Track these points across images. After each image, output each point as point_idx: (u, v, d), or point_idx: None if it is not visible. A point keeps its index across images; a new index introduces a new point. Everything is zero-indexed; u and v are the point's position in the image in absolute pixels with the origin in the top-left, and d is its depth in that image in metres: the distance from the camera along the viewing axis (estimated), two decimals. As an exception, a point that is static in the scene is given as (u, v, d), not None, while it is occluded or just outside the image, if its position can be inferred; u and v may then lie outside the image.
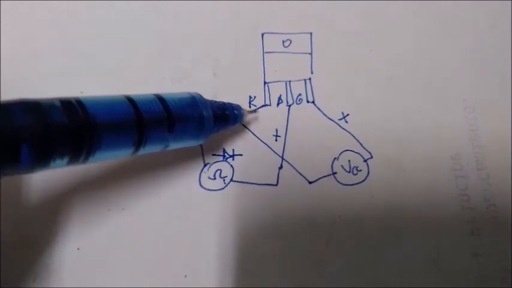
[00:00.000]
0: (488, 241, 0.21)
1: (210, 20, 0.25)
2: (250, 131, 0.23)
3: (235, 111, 0.21)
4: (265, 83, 0.24)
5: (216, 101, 0.21)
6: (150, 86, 0.24)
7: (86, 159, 0.15)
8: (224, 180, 0.22)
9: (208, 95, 0.23)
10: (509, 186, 0.22)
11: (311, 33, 0.25)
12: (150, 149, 0.17)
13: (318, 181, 0.22)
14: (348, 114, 0.23)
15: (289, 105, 0.24)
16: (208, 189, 0.22)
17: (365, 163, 0.23)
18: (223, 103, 0.21)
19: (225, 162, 0.23)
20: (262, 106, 0.24)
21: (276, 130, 0.23)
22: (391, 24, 0.25)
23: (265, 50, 0.24)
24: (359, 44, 0.25)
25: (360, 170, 0.22)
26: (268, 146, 0.23)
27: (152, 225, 0.21)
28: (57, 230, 0.21)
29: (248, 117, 0.23)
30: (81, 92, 0.23)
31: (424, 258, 0.21)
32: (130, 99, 0.17)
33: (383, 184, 0.22)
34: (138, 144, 0.17)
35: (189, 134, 0.19)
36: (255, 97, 0.24)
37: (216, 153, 0.23)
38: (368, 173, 0.22)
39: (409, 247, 0.21)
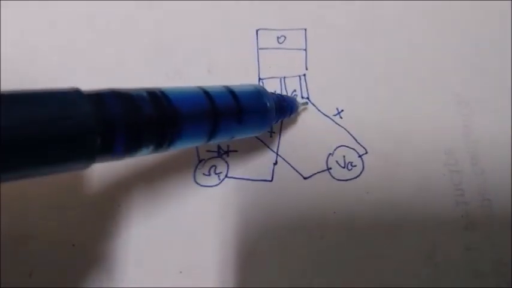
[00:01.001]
0: (483, 235, 0.21)
1: (205, 17, 0.25)
2: (245, 127, 0.23)
3: (292, 103, 0.22)
4: (260, 79, 0.24)
5: (274, 93, 0.21)
6: (146, 82, 0.24)
7: (168, 147, 0.16)
8: (219, 176, 0.22)
9: (203, 92, 0.24)
10: (503, 181, 0.22)
11: (305, 30, 0.25)
12: (220, 139, 0.18)
13: (312, 177, 0.22)
14: (342, 110, 0.23)
15: (284, 101, 0.24)
16: (203, 186, 0.22)
17: (360, 158, 0.23)
18: (281, 95, 0.22)
19: (219, 159, 0.23)
20: (257, 102, 0.24)
21: (271, 127, 0.23)
22: (386, 21, 0.25)
23: (259, 46, 0.24)
24: (353, 40, 0.25)
25: (355, 166, 0.22)
26: (263, 142, 0.23)
27: (147, 221, 0.21)
28: (54, 226, 0.21)
29: (300, 108, 0.23)
30: (76, 89, 0.23)
31: (419, 253, 0.21)
32: (205, 92, 0.17)
33: (378, 179, 0.22)
34: (212, 134, 0.17)
35: (254, 125, 0.19)
36: (249, 93, 0.24)
37: (211, 150, 0.23)
38: (363, 168, 0.22)
39: (404, 241, 0.21)
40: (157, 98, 0.15)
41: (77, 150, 0.13)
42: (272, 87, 0.24)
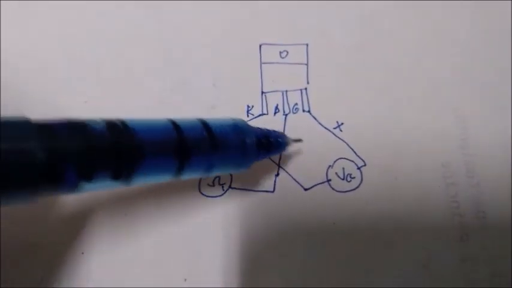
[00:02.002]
0: (477, 247, 0.22)
1: (210, 32, 0.26)
2: (248, 140, 0.24)
3: (279, 139, 0.21)
4: (262, 92, 0.25)
5: (260, 128, 0.20)
6: (152, 95, 0.24)
7: (129, 178, 0.15)
8: (223, 187, 0.23)
9: (207, 105, 0.24)
10: (498, 194, 0.23)
11: (307, 45, 0.26)
12: (192, 174, 0.17)
13: (313, 188, 0.23)
14: (342, 123, 0.24)
15: (286, 114, 0.24)
16: (208, 196, 0.23)
17: (358, 170, 0.23)
18: (268, 130, 0.21)
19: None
20: (260, 115, 0.24)
21: (273, 138, 0.24)
22: (385, 36, 0.26)
23: (262, 61, 0.25)
24: (353, 55, 0.25)
25: (354, 177, 0.23)
26: (265, 154, 0.24)
27: (153, 231, 0.22)
28: (62, 234, 0.22)
29: (293, 145, 0.22)
30: (86, 102, 0.24)
31: (415, 263, 0.22)
32: (174, 123, 0.17)
33: (376, 191, 0.23)
34: (180, 168, 0.16)
35: (231, 161, 0.19)
36: (252, 106, 0.25)
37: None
38: (361, 180, 0.23)
39: (401, 252, 0.22)
40: (115, 128, 0.15)
41: (24, 182, 0.12)
42: (274, 100, 0.25)
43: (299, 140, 0.23)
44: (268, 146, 0.20)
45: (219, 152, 0.18)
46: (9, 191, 0.12)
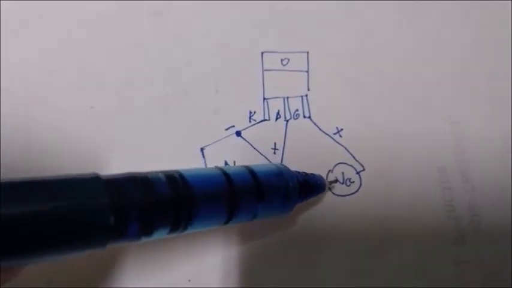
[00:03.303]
0: (472, 249, 0.23)
1: (213, 40, 0.26)
2: (251, 145, 0.25)
3: (318, 182, 0.22)
4: (264, 99, 0.26)
5: (299, 172, 0.21)
6: (156, 101, 0.25)
7: (185, 229, 0.16)
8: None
9: (210, 110, 0.25)
10: (492, 198, 0.24)
11: (308, 52, 0.26)
12: (240, 220, 0.18)
13: (313, 192, 0.24)
14: (342, 129, 0.25)
15: (287, 120, 0.25)
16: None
17: (357, 175, 0.24)
18: (306, 174, 0.22)
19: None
20: (262, 121, 0.25)
21: (275, 144, 0.25)
22: (382, 45, 0.26)
23: (264, 68, 0.26)
24: (353, 62, 0.26)
25: (353, 182, 0.24)
26: (267, 159, 0.24)
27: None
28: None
29: (328, 187, 0.23)
30: (92, 107, 0.25)
31: (412, 265, 0.23)
32: (224, 172, 0.18)
33: (374, 195, 0.24)
34: (231, 214, 0.17)
35: (276, 205, 0.19)
36: (254, 112, 0.25)
37: (219, 166, 0.24)
38: (360, 184, 0.24)
39: (398, 254, 0.23)
40: (175, 182, 0.16)
41: (93, 236, 0.13)
42: (276, 106, 0.25)
43: (335, 181, 0.23)
44: (308, 189, 0.21)
45: (265, 196, 0.19)
46: (80, 243, 0.13)
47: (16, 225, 0.12)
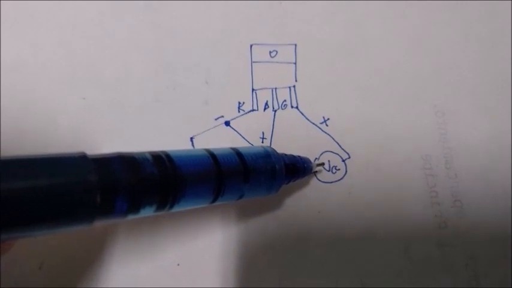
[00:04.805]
0: (454, 233, 0.23)
1: (204, 33, 0.27)
2: (239, 134, 0.25)
3: (305, 165, 0.22)
4: (253, 90, 0.26)
5: (286, 155, 0.22)
6: (148, 93, 0.26)
7: (171, 207, 0.17)
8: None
9: (201, 101, 0.26)
10: (474, 184, 0.24)
11: (295, 45, 0.27)
12: (227, 199, 0.19)
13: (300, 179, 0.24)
14: (328, 119, 0.26)
15: (275, 110, 0.26)
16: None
17: (343, 163, 0.25)
18: (293, 156, 0.22)
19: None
20: (250, 111, 0.26)
21: (263, 133, 0.25)
22: (369, 37, 0.27)
23: (253, 60, 0.27)
24: (339, 54, 0.27)
25: (339, 169, 0.25)
26: (255, 147, 0.25)
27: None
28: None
29: (315, 169, 0.24)
30: (84, 99, 0.25)
31: (396, 248, 0.23)
32: (211, 153, 0.18)
33: (359, 182, 0.24)
34: (217, 194, 0.18)
35: (262, 186, 0.20)
36: (243, 103, 0.26)
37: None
38: (346, 172, 0.24)
39: (383, 238, 0.23)
40: (161, 162, 0.16)
41: (80, 212, 0.14)
42: (264, 97, 0.26)
43: (322, 164, 0.24)
44: (295, 171, 0.22)
45: (251, 178, 0.19)
46: (67, 220, 0.14)
47: (3, 201, 0.12)
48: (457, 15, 0.28)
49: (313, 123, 0.25)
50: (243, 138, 0.25)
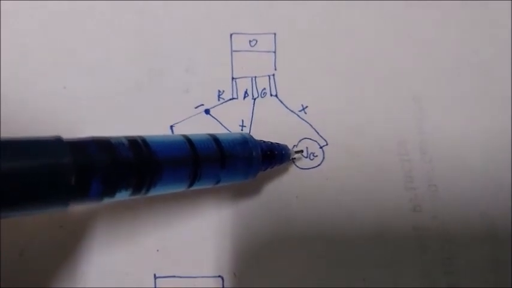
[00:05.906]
0: (429, 216, 0.24)
1: (184, 22, 0.27)
2: (219, 122, 0.26)
3: (283, 151, 0.23)
4: (233, 78, 0.26)
5: (264, 142, 0.22)
6: (129, 81, 0.26)
7: (147, 191, 0.17)
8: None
9: (181, 89, 0.26)
10: (448, 169, 0.25)
11: (275, 34, 0.27)
12: (203, 184, 0.19)
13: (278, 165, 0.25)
14: (307, 106, 0.26)
15: (255, 99, 0.26)
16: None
17: (321, 149, 0.25)
18: (271, 143, 0.23)
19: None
20: (230, 99, 0.26)
21: (242, 121, 0.26)
22: (348, 25, 0.27)
23: (233, 49, 0.27)
24: (318, 43, 0.27)
25: (316, 156, 0.25)
26: (235, 135, 0.25)
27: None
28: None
29: (293, 156, 0.24)
30: (64, 87, 0.25)
31: (372, 232, 0.24)
32: (187, 139, 0.19)
33: (336, 168, 0.25)
34: (193, 179, 0.18)
35: (239, 171, 0.20)
36: (223, 91, 0.26)
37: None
38: (323, 158, 0.25)
39: (360, 222, 0.24)
40: (137, 146, 0.16)
41: (55, 194, 0.14)
42: (244, 85, 0.26)
43: (300, 151, 0.24)
44: (272, 157, 0.22)
45: (228, 164, 0.19)
46: (43, 201, 0.14)
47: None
48: (437, 2, 0.28)
49: (292, 111, 0.26)
50: (223, 126, 0.25)
